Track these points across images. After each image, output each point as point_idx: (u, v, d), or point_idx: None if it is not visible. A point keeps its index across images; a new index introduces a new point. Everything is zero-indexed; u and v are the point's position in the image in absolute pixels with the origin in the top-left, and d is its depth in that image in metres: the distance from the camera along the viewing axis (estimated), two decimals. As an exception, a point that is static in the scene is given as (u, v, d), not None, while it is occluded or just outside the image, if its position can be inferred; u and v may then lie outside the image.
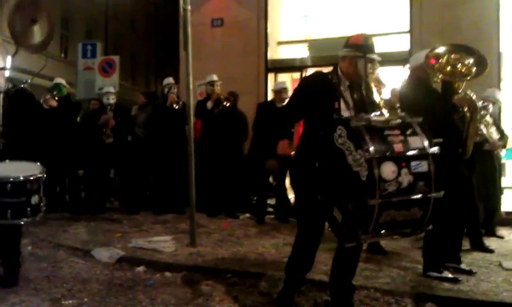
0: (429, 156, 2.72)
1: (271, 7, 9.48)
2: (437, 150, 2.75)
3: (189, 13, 5.22)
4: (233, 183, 7.33)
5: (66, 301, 3.60)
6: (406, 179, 2.65)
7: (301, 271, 3.36)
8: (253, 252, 4.93)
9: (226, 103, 7.24)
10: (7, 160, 3.83)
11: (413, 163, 2.69)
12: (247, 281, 4.04)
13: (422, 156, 2.72)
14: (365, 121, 2.79)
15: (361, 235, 2.77)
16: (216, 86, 7.38)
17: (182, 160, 6.03)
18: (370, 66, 3.20)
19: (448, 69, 3.99)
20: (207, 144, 7.21)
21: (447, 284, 3.89)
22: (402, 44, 8.55)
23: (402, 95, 4.43)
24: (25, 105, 4.23)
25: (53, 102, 7.28)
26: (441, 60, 4.01)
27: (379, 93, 5.40)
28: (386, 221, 2.69)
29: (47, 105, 7.18)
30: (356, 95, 3.25)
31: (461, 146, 4.09)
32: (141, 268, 4.46)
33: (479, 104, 5.32)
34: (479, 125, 5.57)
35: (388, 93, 5.76)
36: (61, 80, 7.77)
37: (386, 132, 2.77)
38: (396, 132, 2.78)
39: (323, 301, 3.57)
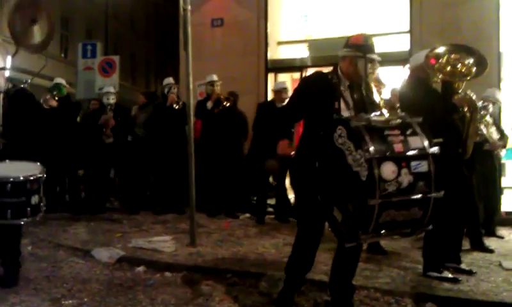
0: (429, 156, 2.72)
1: (271, 7, 9.47)
2: (437, 150, 2.75)
3: (189, 13, 5.22)
4: (233, 183, 7.34)
5: (66, 301, 3.60)
6: (406, 179, 2.65)
7: (301, 271, 3.36)
8: (253, 252, 4.93)
9: (226, 103, 7.25)
10: (7, 160, 3.83)
11: (413, 163, 2.69)
12: (247, 281, 4.03)
13: (422, 156, 2.71)
14: (365, 121, 2.79)
15: (361, 235, 2.77)
16: (216, 86, 7.39)
17: (182, 160, 6.03)
18: (370, 66, 3.20)
19: (448, 69, 3.99)
20: (207, 144, 7.22)
21: (447, 284, 3.88)
22: (402, 44, 8.55)
23: (402, 95, 4.43)
24: (25, 105, 4.22)
25: (53, 102, 7.28)
26: (441, 60, 4.01)
27: (379, 93, 5.40)
28: (386, 221, 2.69)
29: (47, 105, 7.18)
30: (356, 95, 3.25)
31: (461, 146, 4.09)
32: (141, 268, 4.46)
33: (479, 104, 5.31)
34: (479, 124, 5.57)
35: (388, 93, 5.76)
36: (61, 80, 7.77)
37: (386, 132, 2.76)
38: (396, 132, 2.78)
39: (323, 301, 3.56)
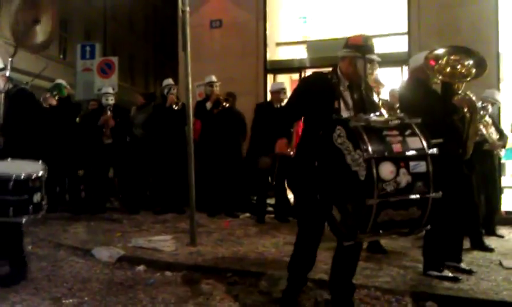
0: (428, 156, 2.73)
1: (269, 8, 9.49)
2: (436, 151, 2.76)
3: (187, 15, 5.22)
4: (232, 183, 7.35)
5: (67, 300, 3.61)
6: (404, 179, 2.66)
7: (303, 269, 3.39)
8: (253, 252, 4.95)
9: (225, 103, 7.27)
10: (9, 158, 3.84)
11: (411, 163, 2.70)
12: (247, 280, 4.05)
13: (420, 156, 2.73)
14: (364, 122, 2.80)
15: (360, 234, 2.78)
16: (215, 86, 7.41)
17: (181, 160, 6.05)
18: (369, 67, 3.22)
19: (447, 70, 4.00)
20: (206, 145, 7.23)
21: (447, 283, 3.90)
22: (400, 45, 8.57)
23: (401, 96, 4.44)
24: (25, 104, 4.23)
25: (52, 101, 7.29)
26: (440, 61, 4.03)
27: (378, 93, 5.42)
28: (385, 221, 2.70)
29: (46, 103, 7.18)
30: (355, 95, 3.27)
31: (461, 147, 4.11)
32: (141, 267, 4.47)
33: (478, 105, 5.33)
34: (479, 125, 5.59)
35: (386, 93, 5.78)
36: (62, 81, 7.77)
37: (385, 132, 2.78)
38: (395, 132, 2.79)
39: (323, 300, 3.57)
